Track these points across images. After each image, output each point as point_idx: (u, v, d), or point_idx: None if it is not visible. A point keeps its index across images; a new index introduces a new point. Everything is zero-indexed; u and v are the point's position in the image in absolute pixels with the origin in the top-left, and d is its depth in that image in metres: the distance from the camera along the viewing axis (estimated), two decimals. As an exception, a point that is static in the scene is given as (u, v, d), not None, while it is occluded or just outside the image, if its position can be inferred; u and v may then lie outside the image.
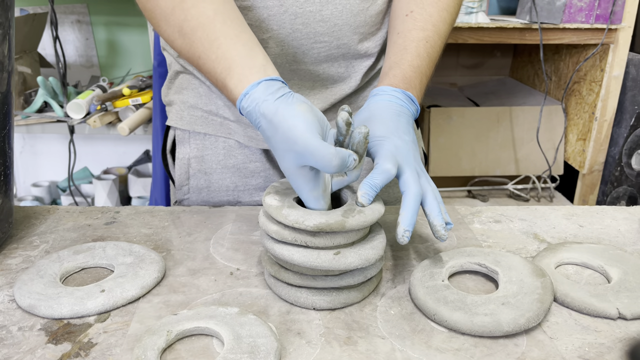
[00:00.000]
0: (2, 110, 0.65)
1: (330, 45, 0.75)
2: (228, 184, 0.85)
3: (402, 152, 0.60)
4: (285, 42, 0.73)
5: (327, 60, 0.77)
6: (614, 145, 1.77)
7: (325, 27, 0.73)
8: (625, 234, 0.75)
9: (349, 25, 0.74)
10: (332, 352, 0.51)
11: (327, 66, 0.78)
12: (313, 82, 0.79)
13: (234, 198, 0.87)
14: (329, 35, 0.74)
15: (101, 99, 1.64)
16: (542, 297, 0.56)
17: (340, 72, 0.79)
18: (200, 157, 0.85)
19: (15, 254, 0.68)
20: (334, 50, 0.76)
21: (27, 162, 2.27)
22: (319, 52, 0.75)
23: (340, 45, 0.75)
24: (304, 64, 0.76)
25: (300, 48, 0.74)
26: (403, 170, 0.59)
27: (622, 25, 1.63)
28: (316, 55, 0.76)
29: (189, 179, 0.86)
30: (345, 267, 0.54)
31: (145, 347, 0.49)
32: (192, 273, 0.64)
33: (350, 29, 0.75)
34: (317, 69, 0.77)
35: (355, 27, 0.75)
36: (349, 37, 0.75)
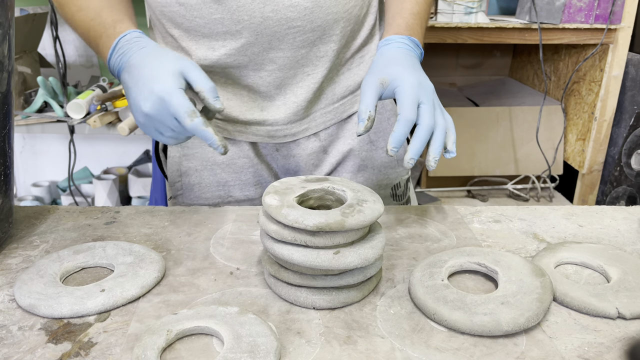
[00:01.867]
0: (2, 110, 0.65)
1: (305, 29, 0.75)
2: (219, 180, 0.87)
3: (423, 87, 0.66)
4: (259, 31, 0.74)
5: (305, 45, 0.77)
6: (613, 145, 1.77)
7: (295, 11, 0.73)
8: (624, 233, 0.75)
9: (319, 7, 0.74)
10: (331, 351, 0.51)
11: (305, 52, 0.78)
12: (294, 69, 0.79)
13: (226, 193, 0.88)
14: (301, 19, 0.74)
15: (101, 99, 1.64)
16: (542, 296, 0.56)
17: (319, 57, 0.79)
18: (191, 155, 0.86)
19: (15, 254, 0.68)
20: (309, 34, 0.76)
21: (27, 162, 2.27)
22: (294, 37, 0.75)
23: (314, 28, 0.76)
24: (282, 50, 0.76)
25: (274, 35, 0.74)
26: (422, 102, 0.65)
27: (621, 25, 1.63)
28: (292, 41, 0.76)
29: (181, 176, 0.87)
30: (344, 266, 0.54)
31: (145, 346, 0.49)
32: (192, 273, 0.64)
33: (321, 10, 0.75)
34: (296, 54, 0.77)
35: (327, 6, 0.75)
36: (322, 18, 0.75)
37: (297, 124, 0.84)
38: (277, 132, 0.83)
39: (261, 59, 0.77)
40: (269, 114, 0.82)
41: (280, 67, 0.78)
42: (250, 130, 0.84)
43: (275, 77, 0.79)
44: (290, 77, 0.79)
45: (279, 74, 0.79)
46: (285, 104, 0.82)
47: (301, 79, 0.80)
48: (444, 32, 1.63)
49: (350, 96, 0.86)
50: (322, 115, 0.85)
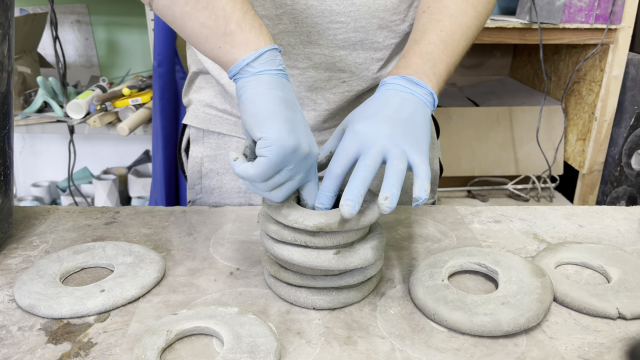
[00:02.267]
0: (2, 110, 0.65)
1: (348, 27, 0.71)
2: (240, 185, 0.84)
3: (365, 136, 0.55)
4: (299, 19, 0.70)
5: (345, 47, 0.73)
6: (613, 145, 1.77)
7: (341, 5, 0.70)
8: (625, 234, 0.75)
9: (367, 6, 0.71)
10: (331, 351, 0.51)
11: (344, 54, 0.74)
12: (330, 72, 0.75)
13: (246, 200, 0.85)
14: (346, 15, 0.70)
15: (101, 99, 1.64)
16: (542, 296, 0.56)
17: (358, 63, 0.75)
18: (213, 156, 0.84)
19: (15, 254, 0.68)
20: (351, 33, 0.72)
21: (27, 162, 2.27)
22: (335, 34, 0.72)
23: (357, 28, 0.72)
24: (319, 46, 0.72)
25: (315, 27, 0.71)
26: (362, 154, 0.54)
27: (621, 25, 1.63)
28: (332, 37, 0.72)
29: (201, 179, 0.85)
30: (345, 266, 0.54)
31: (145, 346, 0.49)
32: (192, 273, 0.64)
33: (368, 11, 0.71)
34: (334, 55, 0.73)
35: (375, 9, 0.71)
36: (367, 19, 0.71)
37: (327, 133, 0.80)
38: None
39: (296, 52, 0.73)
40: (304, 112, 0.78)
41: (315, 65, 0.74)
42: None
43: (308, 77, 0.75)
44: (324, 79, 0.75)
45: (313, 74, 0.75)
46: (315, 110, 0.77)
47: (335, 84, 0.76)
48: (444, 32, 1.62)
49: None
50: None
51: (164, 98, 1.57)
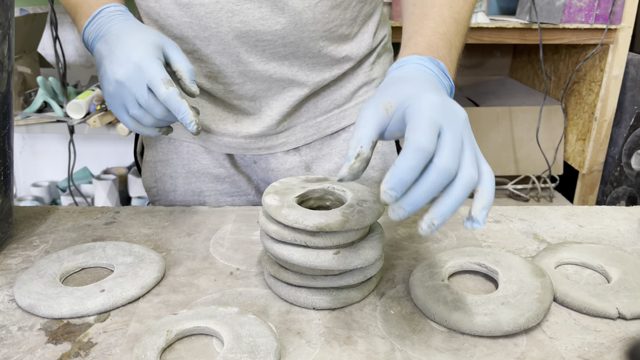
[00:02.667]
0: (2, 110, 0.65)
1: (275, 44, 0.71)
2: (194, 189, 0.85)
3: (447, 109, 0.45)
4: (226, 41, 0.70)
5: (276, 59, 0.72)
6: (613, 145, 1.77)
7: (266, 25, 0.69)
8: (624, 234, 0.75)
9: (293, 24, 0.69)
10: (331, 351, 0.51)
11: (276, 65, 0.73)
12: (268, 83, 0.74)
13: (201, 203, 0.86)
14: (272, 34, 0.69)
15: (101, 99, 1.64)
16: (542, 297, 0.56)
17: (294, 72, 0.74)
18: (165, 160, 0.84)
19: (15, 254, 0.68)
20: (280, 48, 0.71)
21: (27, 162, 2.27)
22: (264, 50, 0.71)
23: (286, 43, 0.71)
24: (250, 63, 0.72)
25: (242, 47, 0.71)
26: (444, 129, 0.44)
27: (621, 25, 1.63)
28: (260, 54, 0.71)
29: (156, 182, 0.86)
30: (345, 266, 0.54)
31: (145, 346, 0.49)
32: (192, 273, 0.64)
33: (295, 27, 0.70)
34: (267, 68, 0.73)
35: (302, 24, 0.70)
36: (295, 35, 0.70)
37: (273, 138, 0.79)
38: (251, 144, 0.80)
39: (231, 70, 0.73)
40: (242, 126, 0.78)
41: (251, 79, 0.74)
42: (223, 142, 0.80)
43: (248, 89, 0.75)
44: (264, 89, 0.75)
45: (251, 86, 0.75)
46: (260, 118, 0.78)
47: (277, 92, 0.76)
48: (444, 32, 1.62)
49: (336, 110, 0.80)
50: (302, 130, 0.80)
51: (164, 98, 1.57)
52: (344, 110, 0.81)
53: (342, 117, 0.81)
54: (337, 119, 0.81)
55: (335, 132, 0.82)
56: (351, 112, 0.81)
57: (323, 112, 0.80)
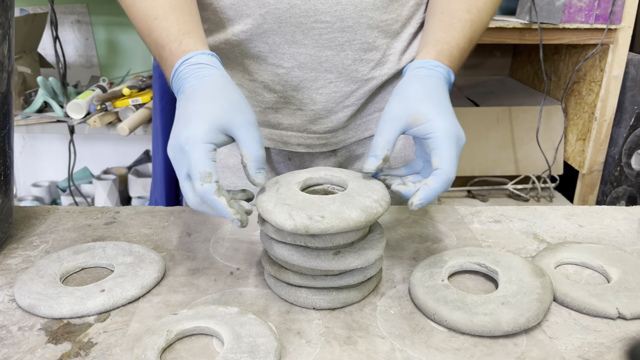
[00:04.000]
0: (2, 110, 0.65)
1: (333, 27, 0.69)
2: (228, 184, 0.85)
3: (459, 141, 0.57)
4: (283, 19, 0.69)
5: (331, 47, 0.71)
6: (613, 145, 1.77)
7: (326, 4, 0.68)
8: (624, 234, 0.75)
9: (353, 5, 0.69)
10: (332, 351, 0.51)
11: (331, 54, 0.72)
12: (316, 72, 0.73)
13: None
14: (331, 14, 0.68)
15: (101, 99, 1.64)
16: (542, 296, 0.56)
17: (346, 64, 0.73)
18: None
19: (15, 254, 0.68)
20: (338, 33, 0.70)
21: (27, 162, 2.27)
22: (320, 34, 0.70)
23: (344, 27, 0.70)
24: (304, 46, 0.71)
25: (299, 27, 0.69)
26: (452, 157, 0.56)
27: (621, 25, 1.63)
28: (317, 37, 0.70)
29: None
30: (344, 267, 0.54)
31: (145, 346, 0.49)
32: (192, 273, 0.64)
33: (355, 10, 0.69)
34: (320, 55, 0.72)
35: (362, 8, 0.69)
36: (354, 19, 0.69)
37: (315, 137, 0.78)
38: (291, 138, 0.79)
39: (282, 51, 0.72)
40: (283, 117, 0.77)
41: (300, 64, 0.72)
42: (263, 133, 0.79)
43: (294, 77, 0.73)
44: (310, 79, 0.74)
45: (298, 73, 0.73)
46: (302, 109, 0.76)
47: (322, 85, 0.74)
48: (444, 32, 1.62)
49: (377, 114, 0.80)
50: (345, 132, 0.79)
51: (164, 98, 1.56)
52: None
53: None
54: (376, 122, 0.81)
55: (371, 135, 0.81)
56: None
57: (365, 115, 0.80)
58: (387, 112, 0.58)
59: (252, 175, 0.54)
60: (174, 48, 0.61)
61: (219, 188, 0.52)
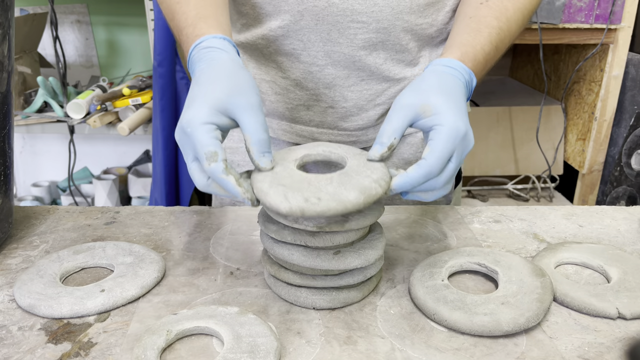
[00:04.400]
0: (2, 110, 0.65)
1: (369, 28, 0.70)
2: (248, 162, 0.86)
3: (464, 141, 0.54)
4: (320, 17, 0.70)
5: (365, 47, 0.72)
6: (613, 145, 1.77)
7: (364, 5, 0.69)
8: (624, 233, 0.75)
9: (390, 7, 0.70)
10: (332, 351, 0.51)
11: (364, 54, 0.73)
12: (349, 70, 0.74)
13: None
14: (367, 15, 0.69)
15: (101, 99, 1.64)
16: (542, 296, 0.56)
17: (378, 64, 0.74)
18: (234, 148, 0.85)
19: (15, 254, 0.68)
20: (373, 34, 0.71)
21: (27, 162, 2.27)
22: (356, 34, 0.71)
23: (379, 29, 0.71)
24: (339, 45, 0.72)
25: (335, 25, 0.70)
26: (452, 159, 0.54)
27: (621, 25, 1.63)
28: (353, 37, 0.71)
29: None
30: (344, 266, 0.54)
31: (145, 346, 0.49)
32: (192, 273, 0.64)
33: (391, 12, 0.70)
34: (354, 54, 0.72)
35: (399, 11, 0.70)
36: (389, 21, 0.70)
37: (345, 134, 0.79)
38: (322, 135, 0.80)
39: (316, 49, 0.73)
40: (315, 114, 0.78)
41: (334, 62, 0.73)
42: (294, 130, 0.80)
43: (327, 74, 0.74)
44: (343, 77, 0.75)
45: (332, 71, 0.74)
46: (333, 107, 0.77)
47: (354, 82, 0.75)
48: (444, 32, 1.62)
49: None
50: (374, 131, 0.80)
51: (164, 98, 1.57)
52: None
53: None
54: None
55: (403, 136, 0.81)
56: None
57: None
58: (398, 100, 0.56)
59: (255, 160, 0.53)
60: (189, 32, 0.61)
61: (227, 167, 0.51)
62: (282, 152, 0.58)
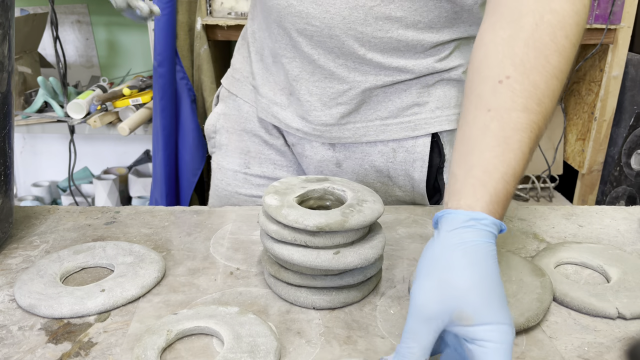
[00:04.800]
0: (2, 110, 0.65)
1: (322, 33, 0.71)
2: (243, 147, 0.88)
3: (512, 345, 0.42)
4: (283, 15, 0.73)
5: (322, 48, 0.73)
6: (613, 145, 1.77)
7: (317, 10, 0.70)
8: (624, 233, 0.75)
9: (341, 17, 0.69)
10: (331, 351, 0.51)
11: (322, 53, 0.73)
12: (313, 67, 0.75)
13: (245, 163, 0.89)
14: (320, 20, 0.70)
15: (101, 99, 1.64)
16: (542, 296, 0.56)
17: (338, 65, 0.74)
18: (227, 114, 0.89)
19: (16, 254, 0.68)
20: (326, 39, 0.71)
21: (27, 162, 2.27)
22: (312, 36, 0.72)
23: (332, 35, 0.71)
24: (299, 43, 0.74)
25: (294, 25, 0.73)
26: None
27: (621, 25, 1.63)
28: (309, 38, 0.73)
29: (215, 132, 0.91)
30: (344, 266, 0.54)
31: (145, 346, 0.49)
32: (192, 273, 0.64)
33: (342, 22, 0.69)
34: (312, 53, 0.74)
35: (351, 21, 0.69)
36: (341, 30, 0.70)
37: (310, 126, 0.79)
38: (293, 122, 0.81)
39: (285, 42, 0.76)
40: (290, 102, 0.81)
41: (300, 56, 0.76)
42: (272, 111, 0.83)
43: (295, 67, 0.77)
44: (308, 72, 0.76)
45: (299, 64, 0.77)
46: (300, 99, 0.78)
47: (319, 78, 0.76)
48: (444, 32, 1.63)
49: (377, 122, 0.77)
50: (339, 130, 0.79)
51: (165, 98, 1.57)
52: (386, 125, 0.77)
53: (381, 131, 0.77)
54: (376, 131, 0.78)
55: (372, 142, 0.79)
56: (393, 129, 0.77)
57: (365, 120, 0.78)
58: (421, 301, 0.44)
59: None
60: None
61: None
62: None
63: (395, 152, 0.79)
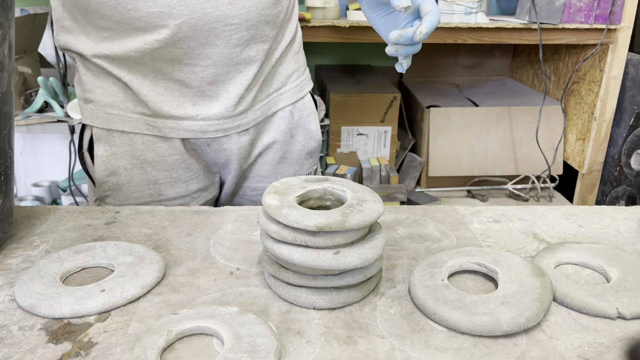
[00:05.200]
0: (3, 110, 0.65)
1: (240, 27, 0.79)
2: (149, 178, 0.88)
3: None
4: (198, 26, 0.76)
5: (239, 44, 0.80)
6: (613, 145, 1.77)
7: (234, 9, 0.77)
8: (624, 233, 0.75)
9: (255, 7, 0.79)
10: (331, 351, 0.51)
11: (239, 50, 0.81)
12: (229, 67, 0.81)
13: (156, 191, 0.89)
14: (238, 17, 0.78)
15: (101, 99, 1.64)
16: (542, 296, 0.56)
17: (251, 56, 0.83)
18: (119, 153, 0.86)
19: (16, 254, 0.68)
20: (244, 32, 0.79)
21: (27, 162, 2.27)
22: (231, 35, 0.78)
23: (249, 27, 0.79)
24: (217, 47, 0.79)
25: (212, 31, 0.77)
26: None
27: (621, 25, 1.63)
28: (228, 38, 0.79)
29: (109, 176, 0.87)
30: (344, 266, 0.55)
31: (146, 346, 0.49)
32: (192, 273, 0.64)
33: (256, 10, 0.79)
34: (231, 52, 0.80)
35: (261, 8, 0.79)
36: (256, 18, 0.79)
37: (230, 120, 0.86)
38: (210, 127, 0.85)
39: (197, 53, 0.79)
40: (201, 109, 0.84)
41: (214, 62, 0.80)
42: (182, 126, 0.84)
43: (209, 73, 0.81)
44: (223, 73, 0.82)
45: (213, 70, 0.81)
46: (218, 100, 0.84)
47: (234, 75, 0.83)
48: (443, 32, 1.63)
49: (275, 94, 0.91)
50: (253, 113, 0.89)
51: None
52: (281, 93, 0.92)
53: (279, 100, 0.92)
54: (276, 101, 0.92)
55: (274, 112, 0.93)
56: (286, 95, 0.93)
57: (266, 96, 0.90)
58: None
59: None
60: None
61: None
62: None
63: (292, 114, 0.94)
